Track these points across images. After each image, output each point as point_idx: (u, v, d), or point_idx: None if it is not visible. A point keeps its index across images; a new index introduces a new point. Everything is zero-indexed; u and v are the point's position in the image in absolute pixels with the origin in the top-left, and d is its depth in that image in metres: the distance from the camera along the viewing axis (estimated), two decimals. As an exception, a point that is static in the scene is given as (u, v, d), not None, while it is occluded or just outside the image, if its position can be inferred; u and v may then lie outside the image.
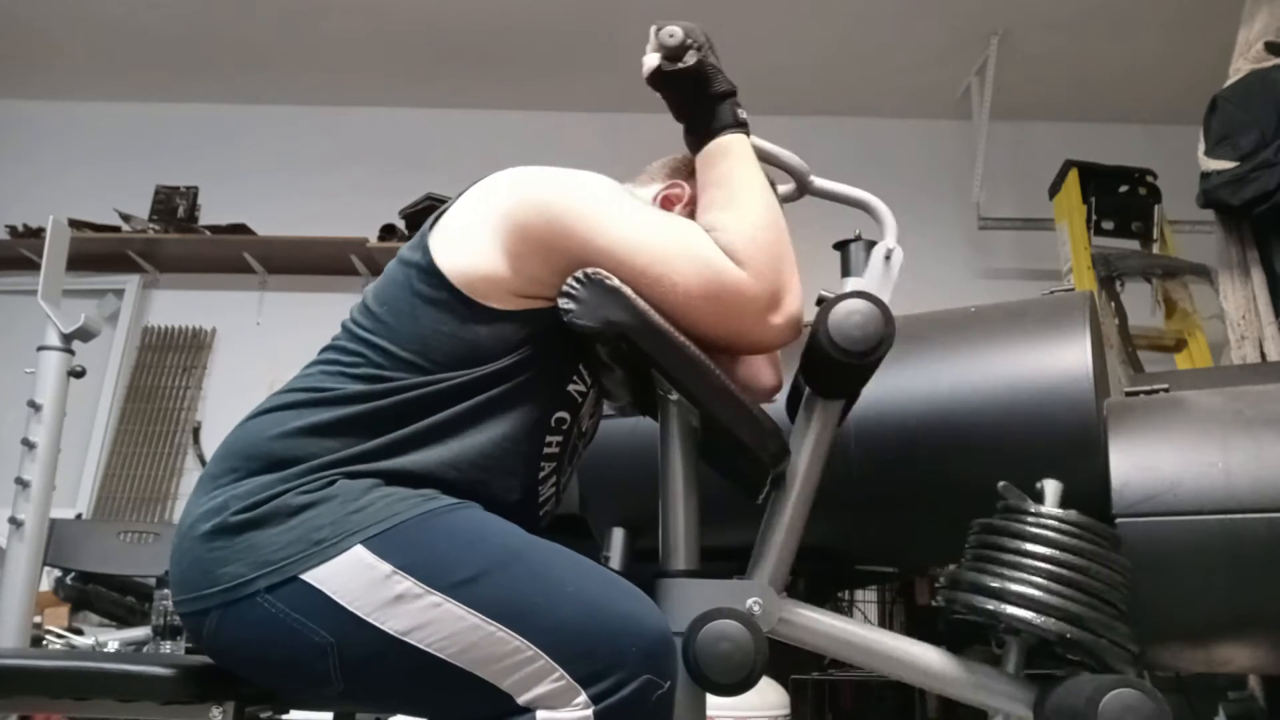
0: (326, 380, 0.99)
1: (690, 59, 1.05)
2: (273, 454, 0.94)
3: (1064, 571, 1.05)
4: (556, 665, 0.83)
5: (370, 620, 0.85)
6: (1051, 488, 1.13)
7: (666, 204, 1.18)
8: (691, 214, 1.16)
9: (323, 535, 0.87)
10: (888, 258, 1.13)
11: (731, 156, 1.06)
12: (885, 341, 0.99)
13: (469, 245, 0.99)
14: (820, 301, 1.05)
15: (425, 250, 1.01)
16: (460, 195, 1.06)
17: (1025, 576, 1.05)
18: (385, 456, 0.93)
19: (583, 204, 0.99)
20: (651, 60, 1.06)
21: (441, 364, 0.97)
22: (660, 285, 0.96)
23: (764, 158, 1.16)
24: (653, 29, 1.05)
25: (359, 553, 0.86)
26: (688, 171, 1.20)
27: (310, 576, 0.86)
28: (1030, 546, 1.07)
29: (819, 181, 1.23)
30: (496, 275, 0.98)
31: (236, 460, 0.95)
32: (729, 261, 0.98)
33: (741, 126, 1.08)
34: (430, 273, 0.99)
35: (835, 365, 0.99)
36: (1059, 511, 1.09)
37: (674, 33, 1.05)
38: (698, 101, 1.07)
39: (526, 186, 1.02)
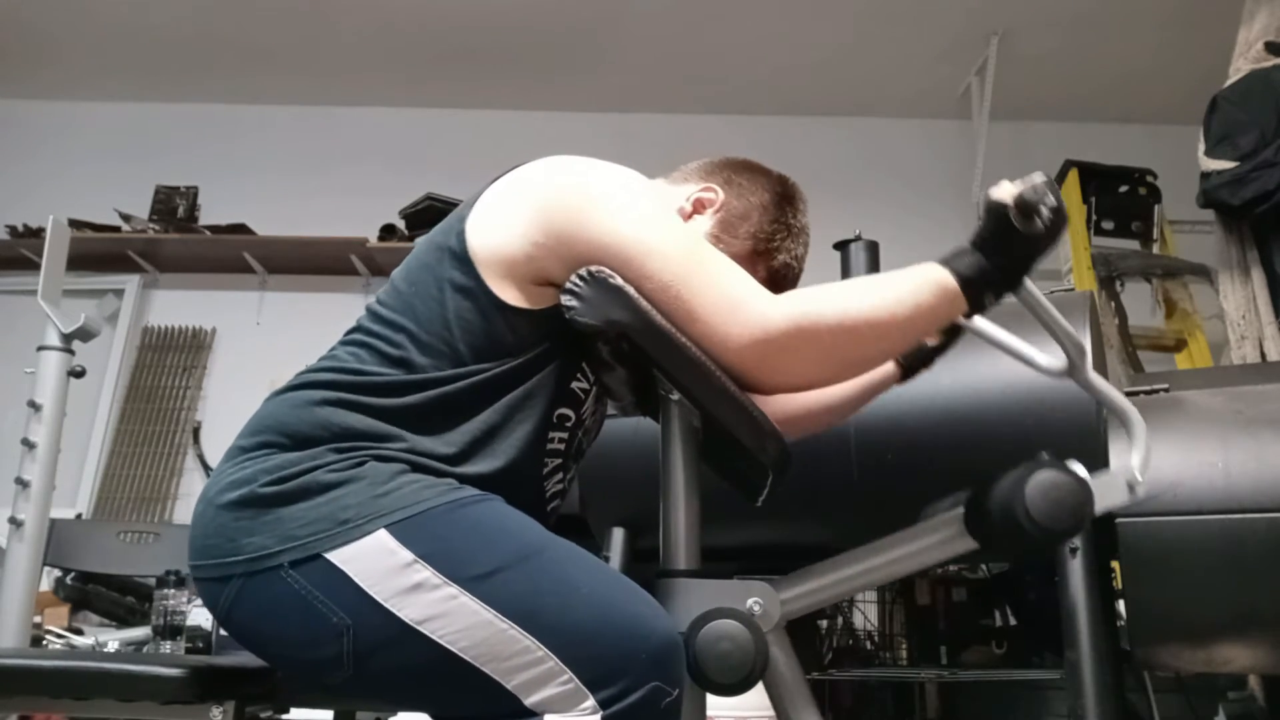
0: (354, 362, 0.99)
1: (1035, 227, 0.96)
2: (302, 431, 0.94)
3: None
4: (565, 668, 0.83)
5: (387, 606, 0.85)
6: None
7: (698, 206, 1.18)
8: (722, 220, 1.17)
9: (348, 515, 0.87)
10: (1131, 486, 1.01)
11: (921, 284, 0.98)
12: (1079, 527, 0.93)
13: (497, 231, 0.99)
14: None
15: (461, 236, 1.01)
16: (496, 180, 1.06)
17: None
18: (415, 454, 0.94)
19: (609, 204, 0.98)
20: (1005, 194, 0.97)
21: (463, 354, 0.97)
22: (667, 293, 0.95)
23: (1040, 316, 1.04)
24: (1036, 175, 0.96)
25: (382, 537, 0.86)
26: (723, 177, 1.19)
27: (334, 556, 0.86)
28: None
29: (1091, 375, 1.09)
30: (515, 262, 0.98)
31: (267, 434, 0.95)
32: (761, 296, 0.95)
33: (973, 291, 0.99)
34: (463, 260, 0.99)
35: (1015, 527, 0.93)
36: None
37: (1039, 189, 0.95)
38: (993, 249, 0.98)
39: (559, 179, 1.02)
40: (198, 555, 0.94)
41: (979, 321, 1.14)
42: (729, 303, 0.95)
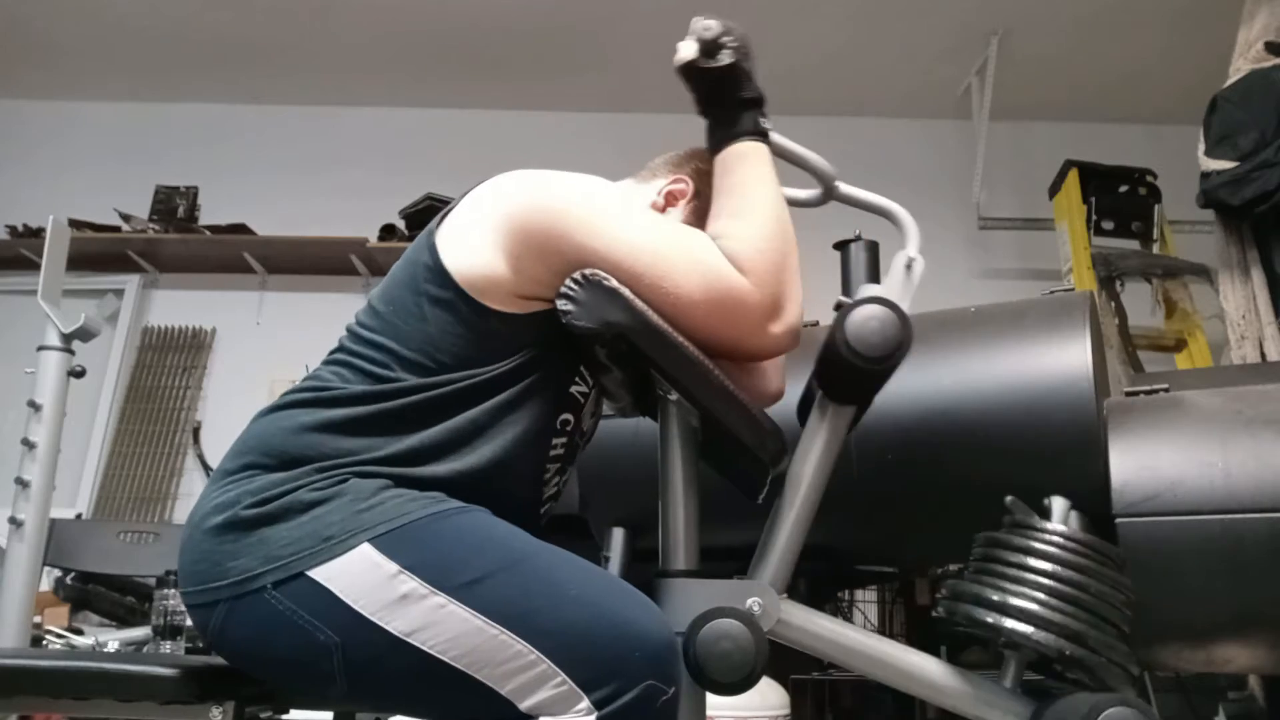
0: (336, 380, 0.99)
1: (724, 59, 1.04)
2: (286, 451, 0.94)
3: (1066, 589, 1.04)
4: (559, 670, 0.82)
5: (375, 620, 0.84)
6: (1059, 505, 1.12)
7: (670, 199, 1.18)
8: (696, 209, 1.17)
9: (331, 532, 0.87)
10: (909, 267, 1.12)
11: (746, 164, 1.05)
12: (902, 348, 0.99)
13: (472, 246, 0.99)
14: (839, 307, 1.05)
15: (432, 250, 1.01)
16: (464, 196, 1.06)
17: (1027, 591, 1.04)
18: (398, 463, 0.94)
19: (583, 207, 0.99)
20: (687, 51, 1.04)
21: (448, 365, 0.98)
22: (659, 288, 0.95)
23: (790, 158, 1.15)
24: (695, 20, 1.04)
25: (366, 551, 0.86)
26: (692, 167, 1.20)
27: (317, 574, 0.86)
28: (1033, 562, 1.06)
29: (844, 188, 1.20)
30: (498, 276, 0.98)
31: (251, 456, 0.95)
32: (731, 268, 0.97)
33: (762, 135, 1.08)
34: (437, 272, 0.99)
35: (850, 370, 1.00)
36: (1064, 528, 1.09)
37: (710, 27, 1.03)
38: (723, 103, 1.07)
39: (528, 189, 1.02)
40: (186, 581, 0.93)
41: None
42: (722, 283, 0.97)
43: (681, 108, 1.13)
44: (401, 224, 3.94)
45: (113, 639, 2.52)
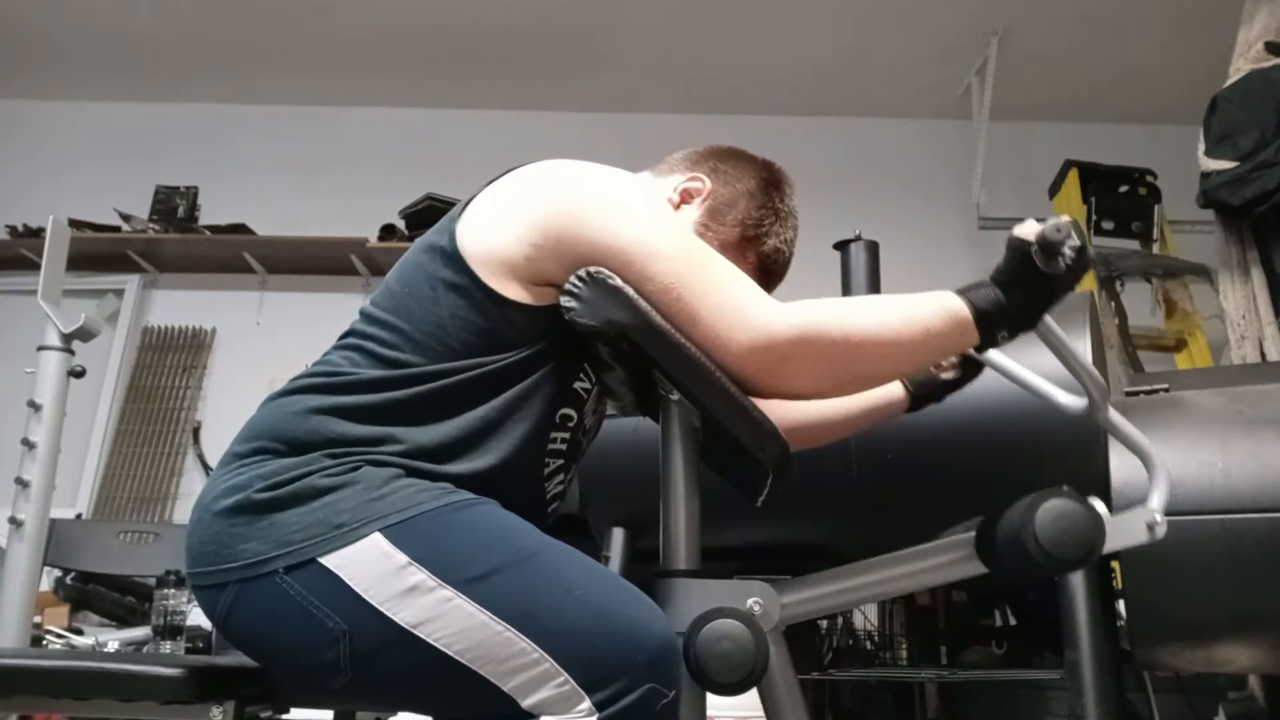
0: (348, 365, 0.99)
1: (1056, 266, 0.95)
2: (296, 436, 0.94)
3: None
4: (561, 670, 0.83)
5: (383, 610, 0.85)
6: None
7: (686, 196, 1.18)
8: (710, 209, 1.17)
9: (343, 520, 0.87)
10: (1150, 526, 1.00)
11: (933, 310, 0.97)
12: (1089, 557, 0.92)
13: (491, 234, 1.00)
14: (1032, 509, 0.93)
15: (451, 235, 1.01)
16: (491, 183, 1.06)
17: None
18: (410, 457, 0.94)
19: (604, 204, 0.99)
20: (1028, 231, 0.96)
21: (457, 351, 0.98)
22: (668, 295, 0.95)
23: (1061, 356, 1.04)
24: (1064, 217, 0.96)
25: (376, 540, 0.86)
26: (709, 166, 1.19)
27: (328, 561, 0.86)
28: None
29: (1113, 414, 1.07)
30: (514, 265, 0.98)
31: (263, 440, 0.95)
32: (749, 304, 0.95)
33: (983, 327, 0.97)
34: (454, 258, 1.00)
35: (1024, 558, 0.92)
36: None
37: (1069, 237, 0.94)
38: (1010, 284, 0.97)
39: (552, 182, 1.02)
40: (194, 562, 0.93)
41: (998, 357, 1.14)
42: (732, 307, 0.95)
43: (680, 108, 1.12)
44: (401, 224, 3.94)
45: (113, 639, 2.53)
